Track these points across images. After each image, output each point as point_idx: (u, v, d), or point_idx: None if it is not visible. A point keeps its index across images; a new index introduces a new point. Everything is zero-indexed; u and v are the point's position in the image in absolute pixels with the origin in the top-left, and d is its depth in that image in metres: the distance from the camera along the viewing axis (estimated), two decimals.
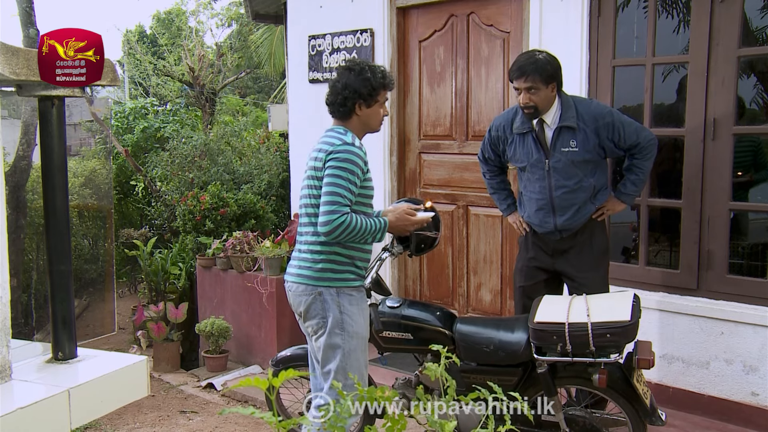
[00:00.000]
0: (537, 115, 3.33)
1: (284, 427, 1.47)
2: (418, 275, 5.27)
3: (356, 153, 2.83)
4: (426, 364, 1.75)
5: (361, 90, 2.88)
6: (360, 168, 2.84)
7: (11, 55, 4.08)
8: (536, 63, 3.27)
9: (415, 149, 5.20)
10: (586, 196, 3.39)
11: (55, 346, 4.61)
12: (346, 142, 2.85)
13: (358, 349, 2.93)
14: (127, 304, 8.02)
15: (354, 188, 2.81)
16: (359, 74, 2.90)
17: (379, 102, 2.96)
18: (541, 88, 3.27)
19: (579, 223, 3.42)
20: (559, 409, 3.03)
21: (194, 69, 10.08)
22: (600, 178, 3.44)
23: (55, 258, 4.57)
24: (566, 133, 3.32)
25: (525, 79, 3.27)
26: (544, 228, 3.47)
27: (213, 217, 6.18)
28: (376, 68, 2.95)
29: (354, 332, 2.91)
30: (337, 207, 2.74)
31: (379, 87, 2.92)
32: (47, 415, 4.04)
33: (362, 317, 2.97)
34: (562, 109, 3.32)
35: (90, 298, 7.54)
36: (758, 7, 3.88)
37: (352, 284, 2.93)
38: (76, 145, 9.37)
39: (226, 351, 5.42)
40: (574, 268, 3.46)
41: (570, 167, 3.34)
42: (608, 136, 3.30)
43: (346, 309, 2.89)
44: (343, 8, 5.36)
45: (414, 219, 2.96)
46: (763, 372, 3.68)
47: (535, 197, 3.47)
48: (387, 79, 2.96)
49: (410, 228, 2.98)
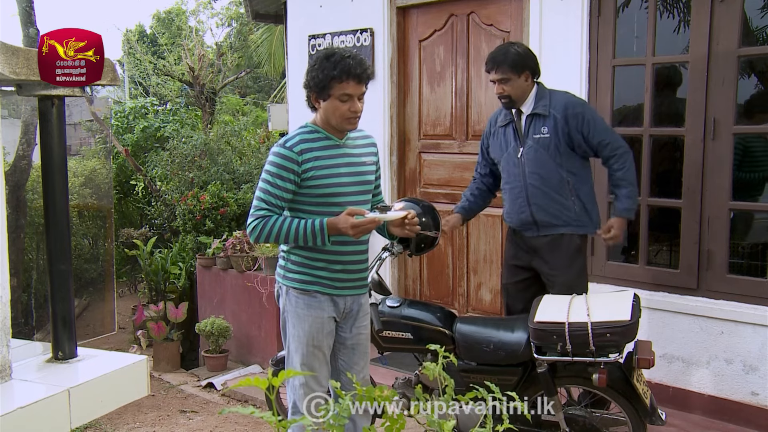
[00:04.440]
0: (513, 105, 3.43)
1: (284, 426, 1.47)
2: (418, 275, 5.28)
3: (280, 153, 2.68)
4: (425, 364, 1.75)
5: (310, 81, 2.69)
6: (286, 168, 2.66)
7: (11, 54, 4.08)
8: (507, 54, 3.38)
9: (415, 149, 5.20)
10: (563, 190, 3.38)
11: (55, 345, 4.61)
12: (278, 144, 2.73)
13: (296, 353, 2.81)
14: (127, 304, 8.02)
15: (276, 190, 2.67)
16: (314, 65, 2.67)
17: (333, 96, 2.64)
18: (513, 78, 3.36)
19: (560, 220, 3.41)
20: (559, 409, 3.03)
21: (194, 68, 10.08)
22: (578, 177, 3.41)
23: (55, 258, 4.57)
24: (537, 120, 3.39)
25: (496, 71, 3.39)
26: (522, 220, 3.49)
27: (213, 216, 6.19)
28: (334, 57, 2.63)
29: (294, 335, 2.81)
30: (253, 211, 2.69)
31: (327, 78, 2.61)
32: (47, 415, 4.04)
33: (306, 323, 2.78)
34: (537, 98, 3.41)
35: (90, 297, 7.55)
36: (758, 7, 3.88)
37: (303, 287, 2.78)
38: (76, 144, 9.38)
39: (226, 351, 5.42)
40: (547, 265, 3.48)
41: (542, 154, 3.37)
42: (577, 126, 3.33)
43: (290, 310, 2.82)
44: (343, 8, 5.36)
45: (354, 222, 2.59)
46: (763, 372, 3.68)
47: (510, 187, 3.51)
48: (338, 69, 2.59)
49: (350, 231, 2.59)
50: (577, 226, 3.42)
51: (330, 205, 2.72)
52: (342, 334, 2.91)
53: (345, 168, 2.77)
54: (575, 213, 3.41)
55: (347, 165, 2.78)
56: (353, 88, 2.65)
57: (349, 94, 2.65)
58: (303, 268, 2.79)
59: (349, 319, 2.90)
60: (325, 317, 2.81)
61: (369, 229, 2.65)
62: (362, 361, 2.97)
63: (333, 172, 2.73)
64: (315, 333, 2.79)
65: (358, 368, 2.95)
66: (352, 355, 2.93)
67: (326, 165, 2.72)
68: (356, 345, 2.93)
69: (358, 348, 2.94)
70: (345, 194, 2.76)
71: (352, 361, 2.93)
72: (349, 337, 2.91)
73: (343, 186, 2.75)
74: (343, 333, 2.91)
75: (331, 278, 2.80)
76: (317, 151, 2.73)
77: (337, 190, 2.74)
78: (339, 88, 2.63)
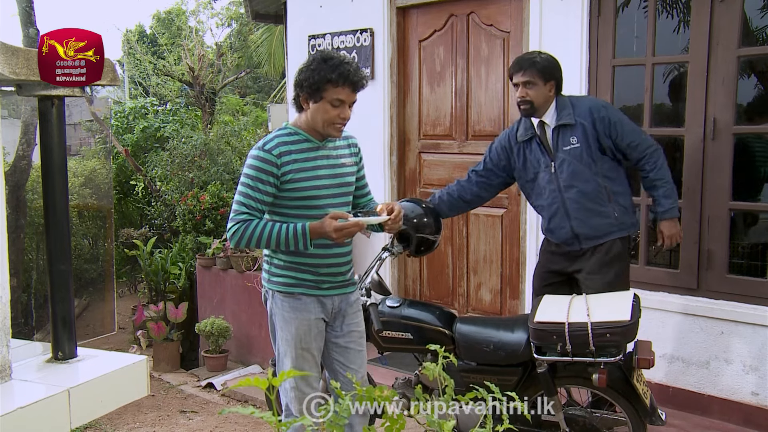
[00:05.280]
0: (533, 111, 3.33)
1: (284, 426, 1.47)
2: (418, 275, 5.28)
3: (258, 156, 2.65)
4: (425, 364, 1.75)
5: (303, 81, 2.63)
6: (264, 171, 2.63)
7: (11, 54, 4.08)
8: (534, 59, 3.35)
9: (415, 149, 5.20)
10: (601, 198, 3.31)
11: (55, 345, 4.61)
12: (257, 146, 2.70)
13: (286, 356, 2.79)
14: (127, 304, 8.02)
15: (256, 194, 2.64)
16: (309, 64, 2.63)
17: (326, 99, 2.60)
18: (538, 84, 3.30)
19: (601, 231, 3.33)
20: (559, 409, 3.03)
21: (194, 69, 10.08)
22: (615, 181, 3.34)
23: (55, 258, 4.57)
24: (565, 130, 3.31)
25: (523, 73, 3.32)
26: (561, 236, 3.40)
27: (213, 216, 6.19)
28: (333, 61, 2.60)
29: (283, 338, 2.79)
30: (233, 215, 2.66)
31: (322, 80, 2.57)
32: (47, 415, 4.04)
33: (292, 326, 2.76)
34: (559, 109, 3.33)
35: (90, 297, 7.55)
36: (758, 7, 3.88)
37: (288, 290, 2.76)
38: (76, 145, 9.38)
39: (226, 351, 5.42)
40: (584, 269, 3.40)
41: (576, 166, 3.29)
42: (605, 131, 3.27)
43: (277, 313, 2.80)
44: (342, 8, 5.36)
45: (337, 225, 2.55)
46: (763, 372, 3.68)
47: (547, 203, 3.41)
48: (336, 73, 2.56)
49: (333, 235, 2.55)
50: (619, 230, 3.34)
51: (309, 208, 2.71)
52: (333, 334, 2.88)
53: (324, 170, 2.74)
54: (615, 218, 3.32)
55: (326, 167, 2.75)
56: (347, 95, 2.63)
57: (342, 100, 2.63)
58: (287, 272, 2.77)
59: (339, 318, 2.87)
60: (312, 319, 2.79)
61: (352, 232, 2.61)
62: (358, 360, 2.93)
63: (312, 175, 2.70)
64: (303, 335, 2.77)
65: (355, 367, 2.90)
66: (347, 354, 2.89)
67: (305, 168, 2.69)
68: (349, 343, 2.89)
69: (351, 347, 2.90)
70: (324, 197, 2.73)
71: (348, 361, 2.90)
72: (341, 336, 2.88)
73: (322, 189, 2.73)
74: (335, 332, 2.88)
75: (316, 280, 2.77)
76: (296, 153, 2.70)
77: (316, 192, 2.71)
78: (333, 92, 2.60)
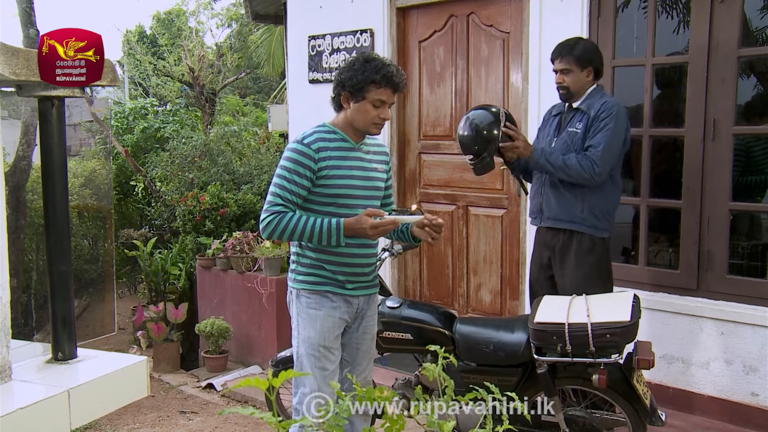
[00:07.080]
0: (570, 96, 3.43)
1: (284, 427, 1.47)
2: (418, 275, 5.27)
3: (297, 149, 2.70)
4: (425, 365, 1.75)
5: (346, 81, 2.69)
6: (302, 164, 2.68)
7: (11, 55, 4.08)
8: (573, 47, 3.40)
9: (415, 149, 5.20)
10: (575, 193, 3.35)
11: (55, 346, 4.61)
12: (295, 140, 2.75)
13: (307, 356, 2.80)
14: (127, 305, 8.02)
15: (292, 186, 2.68)
16: (352, 65, 2.71)
17: (368, 99, 2.68)
18: (575, 71, 3.37)
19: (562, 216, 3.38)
20: (559, 410, 3.03)
21: (194, 69, 10.07)
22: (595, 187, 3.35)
23: (54, 258, 4.57)
24: (577, 115, 3.41)
25: (560, 61, 3.41)
26: (532, 207, 3.55)
27: (213, 217, 6.18)
28: (375, 62, 2.68)
29: (305, 337, 2.80)
30: (268, 206, 2.69)
31: (365, 81, 2.65)
32: (47, 416, 4.04)
33: (317, 323, 2.78)
34: (588, 97, 3.41)
35: (90, 298, 7.54)
36: (758, 7, 3.89)
37: (313, 288, 2.79)
38: (76, 145, 9.37)
39: (226, 351, 5.42)
40: (558, 263, 3.46)
41: (569, 148, 3.36)
42: (594, 126, 3.31)
43: (301, 312, 2.82)
44: (342, 8, 5.36)
45: (373, 222, 2.60)
46: (763, 372, 3.68)
47: (536, 177, 3.53)
48: (380, 75, 2.64)
49: (369, 232, 2.60)
50: (581, 225, 3.36)
51: (340, 206, 2.75)
52: (348, 332, 2.91)
53: (357, 171, 2.80)
54: (580, 213, 3.36)
55: (360, 169, 2.81)
56: (388, 96, 2.70)
57: (383, 101, 2.70)
58: (315, 270, 2.80)
59: (358, 318, 2.91)
60: (337, 317, 2.81)
61: (387, 230, 2.66)
62: (365, 361, 2.96)
63: (346, 174, 2.76)
64: (326, 333, 2.78)
65: (361, 368, 2.94)
66: (355, 354, 2.93)
67: (340, 166, 2.75)
68: (360, 344, 2.93)
69: (362, 347, 2.94)
70: (355, 197, 2.78)
71: (356, 360, 2.93)
72: (355, 335, 2.92)
73: (354, 189, 2.78)
74: (350, 331, 2.91)
75: (342, 280, 2.80)
76: (332, 151, 2.75)
77: (348, 192, 2.76)
78: (376, 93, 2.67)
